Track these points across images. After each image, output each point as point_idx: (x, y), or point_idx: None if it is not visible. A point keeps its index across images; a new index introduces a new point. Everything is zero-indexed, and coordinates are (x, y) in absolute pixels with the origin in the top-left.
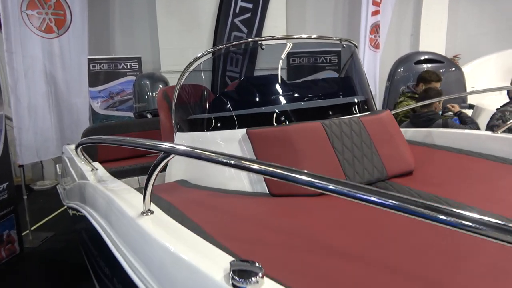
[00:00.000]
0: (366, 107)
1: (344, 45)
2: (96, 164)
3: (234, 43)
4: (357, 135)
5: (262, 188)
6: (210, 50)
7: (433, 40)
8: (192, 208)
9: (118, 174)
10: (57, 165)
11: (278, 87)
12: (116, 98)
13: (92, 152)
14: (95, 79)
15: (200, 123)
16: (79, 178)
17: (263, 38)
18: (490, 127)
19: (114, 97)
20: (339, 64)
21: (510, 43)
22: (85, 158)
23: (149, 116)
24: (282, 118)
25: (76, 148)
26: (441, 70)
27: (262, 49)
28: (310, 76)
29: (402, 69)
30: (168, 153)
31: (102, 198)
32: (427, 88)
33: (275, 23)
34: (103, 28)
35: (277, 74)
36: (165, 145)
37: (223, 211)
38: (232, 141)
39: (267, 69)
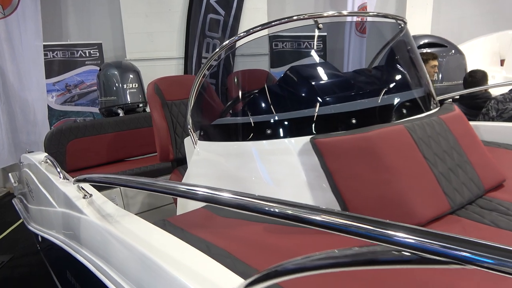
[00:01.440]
0: (434, 102)
1: (401, 25)
2: (88, 187)
3: (284, 21)
4: (444, 139)
5: None
6: (241, 34)
7: (418, 23)
8: (262, 261)
9: (96, 186)
10: (10, 174)
11: (336, 79)
12: (74, 91)
13: (59, 158)
14: (48, 69)
15: (233, 129)
16: (61, 204)
17: (311, 16)
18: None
19: (71, 90)
20: (325, 50)
21: (493, 26)
22: (82, 189)
23: (120, 112)
24: (354, 121)
25: (76, 182)
26: (443, 54)
27: (320, 29)
28: (295, 62)
29: None
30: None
31: (126, 250)
32: (472, 71)
33: (255, 5)
34: (54, 9)
35: (328, 63)
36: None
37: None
38: (284, 154)
39: (248, 54)
